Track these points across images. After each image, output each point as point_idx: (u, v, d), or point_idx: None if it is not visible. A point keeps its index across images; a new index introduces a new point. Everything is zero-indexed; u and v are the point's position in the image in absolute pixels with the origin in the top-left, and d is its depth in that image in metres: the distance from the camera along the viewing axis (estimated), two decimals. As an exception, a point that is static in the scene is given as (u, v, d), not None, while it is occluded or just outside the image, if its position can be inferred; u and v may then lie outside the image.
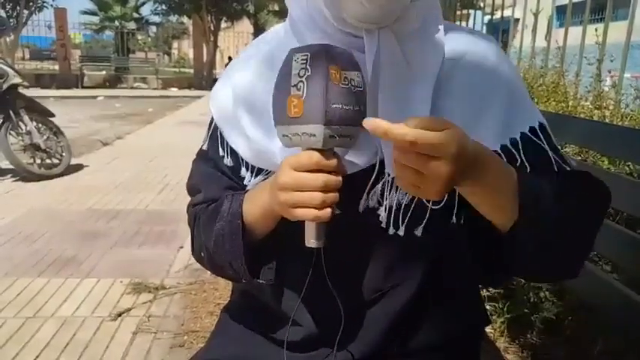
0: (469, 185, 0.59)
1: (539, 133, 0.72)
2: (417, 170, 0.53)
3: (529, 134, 0.71)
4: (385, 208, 0.71)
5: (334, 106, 0.57)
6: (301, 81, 0.58)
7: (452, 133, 0.52)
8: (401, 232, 0.71)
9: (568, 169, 0.73)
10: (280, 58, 0.62)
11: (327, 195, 0.60)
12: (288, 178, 0.61)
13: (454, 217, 0.72)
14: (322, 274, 0.71)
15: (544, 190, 0.62)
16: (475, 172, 0.57)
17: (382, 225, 0.72)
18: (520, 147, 0.70)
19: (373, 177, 0.70)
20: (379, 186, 0.71)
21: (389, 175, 0.70)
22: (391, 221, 0.71)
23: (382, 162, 0.69)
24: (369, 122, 0.52)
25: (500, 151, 0.69)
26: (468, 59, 0.71)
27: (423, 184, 0.54)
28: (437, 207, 0.71)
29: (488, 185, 0.59)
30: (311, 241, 0.63)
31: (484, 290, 1.97)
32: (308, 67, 0.58)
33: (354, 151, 0.66)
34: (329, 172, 0.60)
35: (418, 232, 0.72)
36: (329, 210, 0.60)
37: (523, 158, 0.70)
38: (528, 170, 0.69)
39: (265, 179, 0.74)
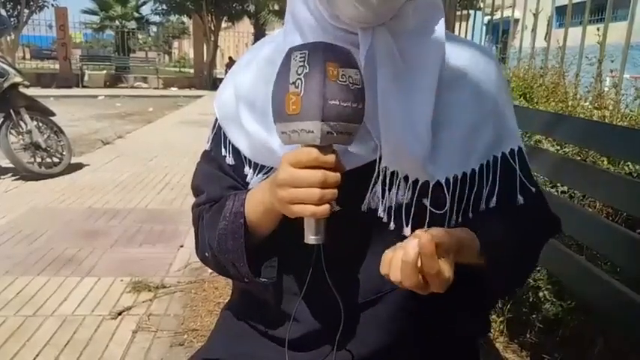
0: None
1: (516, 157, 0.76)
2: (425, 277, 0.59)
3: (507, 156, 0.75)
4: (384, 207, 0.71)
5: (331, 102, 0.58)
6: (299, 78, 0.59)
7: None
8: (406, 232, 0.71)
9: (533, 190, 0.77)
10: (280, 58, 0.63)
11: (325, 191, 0.60)
12: (287, 174, 0.62)
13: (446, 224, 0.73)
14: (323, 273, 0.71)
15: (502, 241, 0.70)
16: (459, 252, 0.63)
17: (383, 222, 0.72)
18: (498, 166, 0.74)
19: (375, 174, 0.70)
20: (379, 184, 0.71)
21: (387, 168, 0.70)
22: (392, 220, 0.71)
23: (381, 159, 0.70)
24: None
25: (484, 166, 0.74)
26: (469, 75, 0.73)
27: (434, 281, 0.59)
28: (440, 211, 0.71)
29: (464, 254, 0.65)
30: (310, 237, 0.63)
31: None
32: (306, 64, 0.59)
33: (352, 148, 0.67)
34: (327, 169, 0.60)
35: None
36: (327, 206, 0.60)
37: (497, 177, 0.74)
38: (496, 191, 0.74)
39: (267, 176, 0.75)
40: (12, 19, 15.42)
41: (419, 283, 0.58)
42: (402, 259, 0.57)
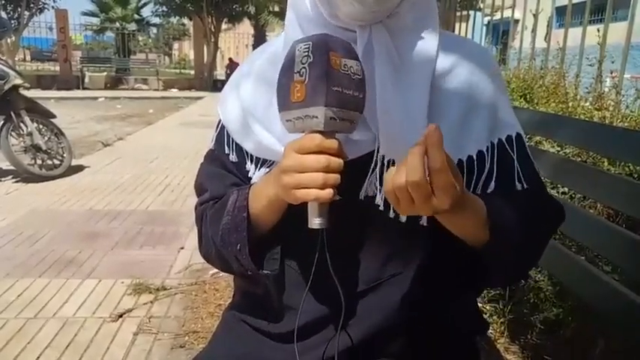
0: (457, 215, 0.64)
1: (514, 143, 0.77)
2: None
3: (504, 142, 0.76)
4: (382, 195, 0.72)
5: (335, 89, 0.60)
6: (304, 67, 0.61)
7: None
8: (403, 219, 0.72)
9: (532, 176, 0.78)
10: (280, 61, 0.65)
11: (328, 175, 0.61)
12: (291, 160, 0.63)
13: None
14: (324, 262, 0.72)
15: (508, 218, 0.70)
16: (462, 206, 0.62)
17: (381, 210, 0.73)
18: (496, 152, 0.75)
19: (373, 163, 0.72)
20: (377, 173, 0.72)
21: (385, 157, 0.71)
22: (390, 208, 0.72)
23: (379, 149, 0.71)
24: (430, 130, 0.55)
25: (484, 153, 0.74)
26: (461, 66, 0.75)
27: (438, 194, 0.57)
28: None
29: (468, 217, 0.66)
30: (314, 221, 0.64)
31: (485, 290, 1.98)
32: (310, 54, 0.61)
33: (352, 138, 0.69)
34: (331, 155, 0.62)
35: (422, 221, 0.73)
36: (330, 190, 0.62)
37: (495, 163, 0.75)
38: (494, 176, 0.75)
39: (270, 170, 0.77)
40: (12, 21, 15.44)
41: (424, 179, 0.55)
42: (410, 150, 0.56)
